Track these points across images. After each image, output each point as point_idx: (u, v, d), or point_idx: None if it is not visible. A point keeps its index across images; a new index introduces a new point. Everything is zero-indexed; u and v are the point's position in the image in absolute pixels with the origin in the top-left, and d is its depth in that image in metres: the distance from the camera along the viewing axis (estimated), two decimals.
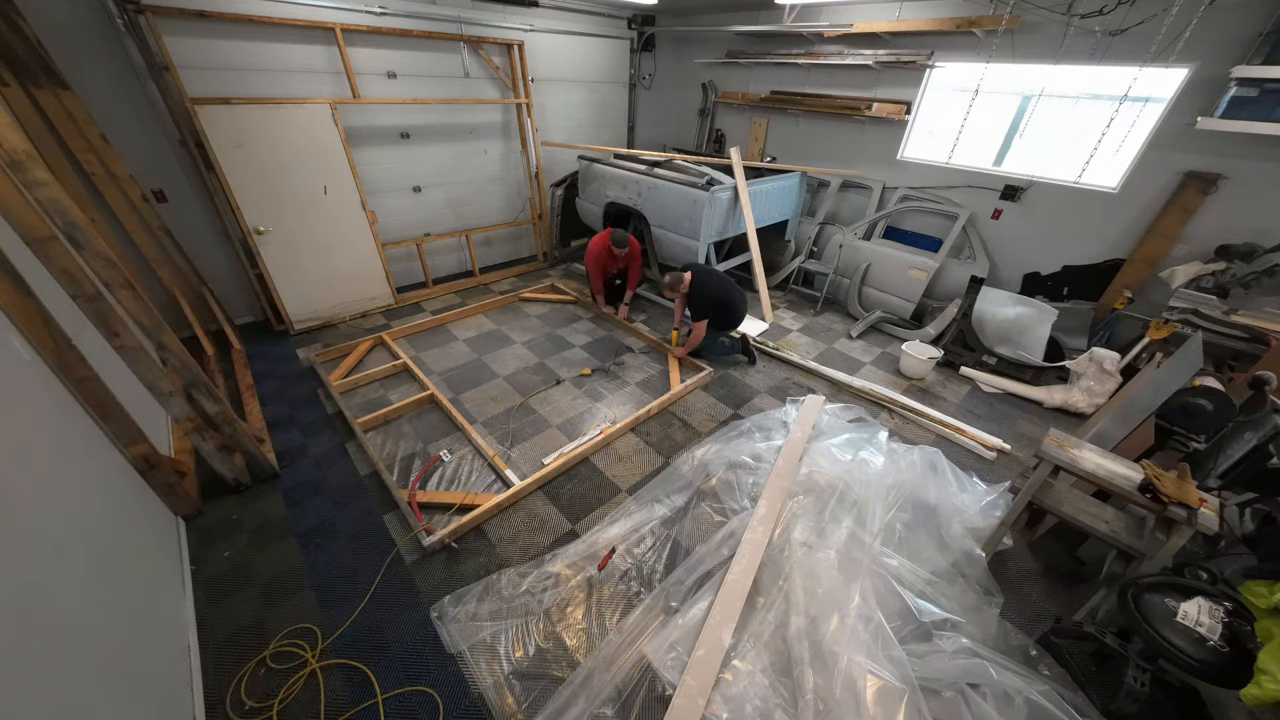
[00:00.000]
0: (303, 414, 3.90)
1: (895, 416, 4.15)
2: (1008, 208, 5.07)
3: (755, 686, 2.19)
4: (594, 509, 3.17)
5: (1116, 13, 3.86)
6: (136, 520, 2.49)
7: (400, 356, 4.50)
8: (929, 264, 5.23)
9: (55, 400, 2.25)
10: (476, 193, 6.36)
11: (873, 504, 3.01)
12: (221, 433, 3.00)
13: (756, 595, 2.57)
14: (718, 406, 4.19)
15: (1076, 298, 4.92)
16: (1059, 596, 2.78)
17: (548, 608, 2.55)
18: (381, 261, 5.37)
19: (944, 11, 4.84)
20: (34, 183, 2.09)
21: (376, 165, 5.36)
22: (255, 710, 2.14)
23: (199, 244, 4.61)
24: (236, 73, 4.29)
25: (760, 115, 6.71)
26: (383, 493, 3.21)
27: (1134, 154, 4.28)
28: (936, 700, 2.15)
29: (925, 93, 5.31)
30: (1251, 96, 3.53)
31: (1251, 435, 2.72)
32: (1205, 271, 3.97)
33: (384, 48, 4.99)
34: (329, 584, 2.67)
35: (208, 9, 3.97)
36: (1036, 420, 4.21)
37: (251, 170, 4.31)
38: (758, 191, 5.55)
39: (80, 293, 2.31)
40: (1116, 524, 2.55)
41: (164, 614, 2.30)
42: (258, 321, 5.21)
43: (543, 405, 4.12)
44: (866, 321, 5.52)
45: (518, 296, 5.95)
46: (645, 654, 2.30)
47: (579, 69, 6.81)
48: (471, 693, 2.23)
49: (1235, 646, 1.81)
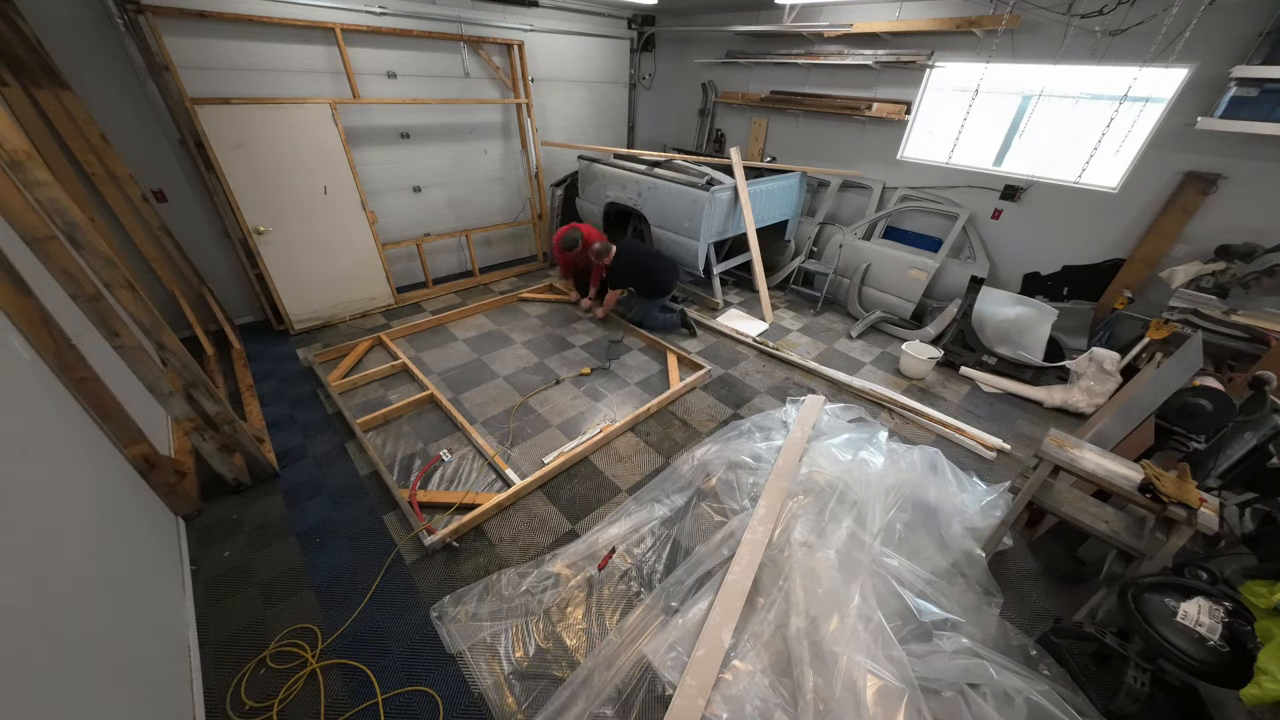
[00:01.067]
0: (303, 414, 3.90)
1: (895, 416, 4.15)
2: (1008, 208, 5.07)
3: (755, 686, 2.19)
4: (594, 509, 3.17)
5: (1116, 13, 3.86)
6: (136, 520, 2.49)
7: (399, 357, 4.50)
8: (929, 264, 5.23)
9: (55, 400, 2.25)
10: (476, 193, 6.36)
11: (873, 504, 3.01)
12: (221, 433, 3.00)
13: (756, 595, 2.57)
14: (718, 406, 4.19)
15: (1076, 298, 4.92)
16: (1059, 596, 2.78)
17: (548, 608, 2.55)
18: (381, 261, 5.37)
19: (944, 11, 4.84)
20: (34, 183, 2.09)
21: (376, 165, 5.36)
22: (255, 710, 2.14)
23: (199, 244, 4.61)
24: (236, 73, 4.29)
25: (760, 115, 6.71)
26: (383, 493, 3.21)
27: (1134, 154, 4.28)
28: (936, 700, 2.15)
29: (925, 93, 5.31)
30: (1251, 96, 3.53)
31: (1251, 435, 2.72)
32: (1205, 271, 3.97)
33: (384, 48, 4.99)
34: (329, 584, 2.67)
35: (208, 9, 3.97)
36: (1036, 420, 4.22)
37: (251, 170, 4.31)
38: (758, 191, 5.55)
39: (80, 293, 2.31)
40: (1116, 524, 2.55)
41: (164, 614, 2.30)
42: (258, 321, 5.21)
43: (543, 405, 4.13)
44: (866, 321, 5.52)
45: (517, 297, 5.95)
46: (645, 654, 2.30)
47: (579, 69, 6.81)
48: (471, 693, 2.23)
49: (1235, 646, 1.81)
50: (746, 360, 4.90)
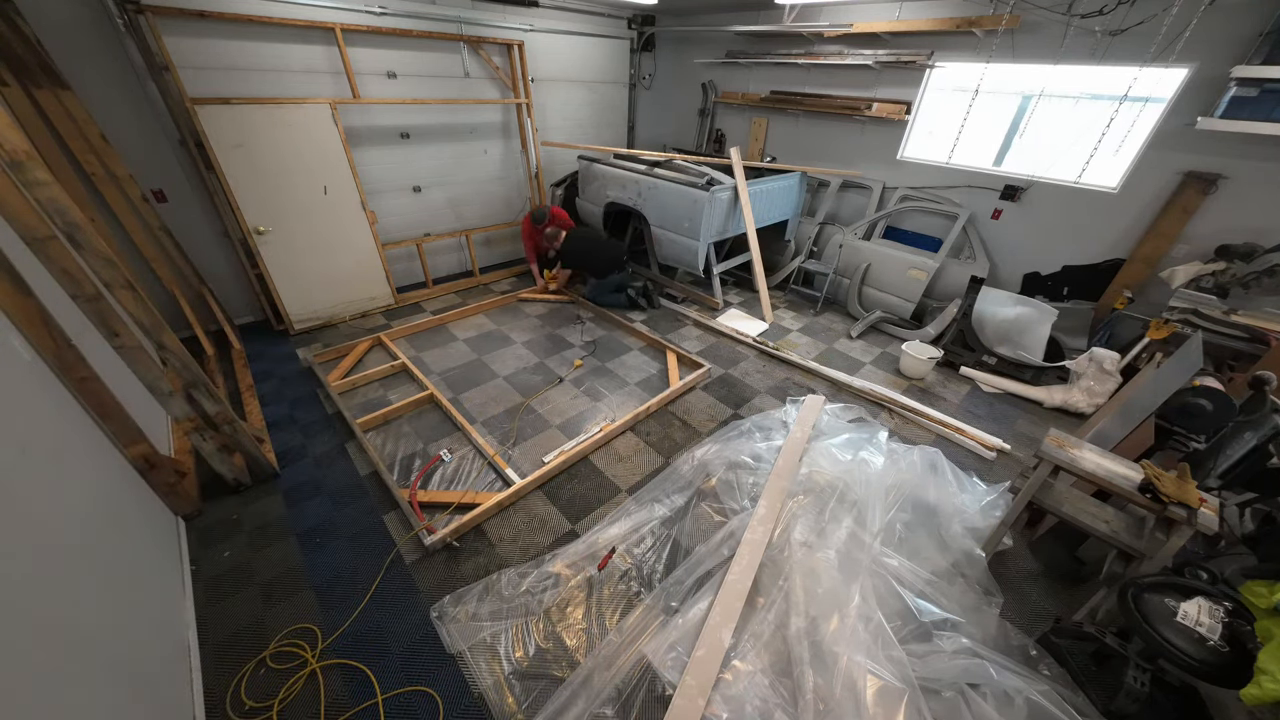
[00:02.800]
0: (303, 414, 3.90)
1: (895, 416, 4.15)
2: (1008, 208, 5.07)
3: (755, 686, 2.19)
4: (594, 509, 3.17)
5: (1116, 13, 3.86)
6: (136, 520, 2.49)
7: (399, 357, 4.50)
8: (929, 264, 5.22)
9: (55, 400, 2.25)
10: (476, 193, 6.36)
11: (872, 504, 3.01)
12: (221, 433, 3.00)
13: (756, 595, 2.57)
14: (718, 406, 4.19)
15: (1076, 298, 4.92)
16: (1059, 596, 2.78)
17: (548, 608, 2.55)
18: (381, 261, 5.37)
19: (944, 11, 4.84)
20: (34, 183, 2.09)
21: (376, 165, 5.36)
22: (255, 710, 2.14)
23: (199, 244, 4.61)
24: (236, 73, 4.28)
25: (760, 115, 6.71)
26: (383, 492, 3.21)
27: (1134, 154, 4.28)
28: (936, 700, 2.15)
29: (925, 93, 5.30)
30: (1251, 96, 3.53)
31: (1251, 435, 2.72)
32: (1205, 271, 3.97)
33: (384, 48, 4.99)
34: (329, 584, 2.67)
35: (208, 9, 3.97)
36: (1036, 420, 4.21)
37: (251, 170, 4.31)
38: (758, 191, 5.55)
39: (80, 293, 2.31)
40: (1116, 524, 2.55)
41: (164, 614, 2.30)
42: (258, 321, 5.21)
43: (543, 405, 4.13)
44: (866, 321, 5.51)
45: (517, 297, 5.95)
46: (645, 654, 2.30)
47: (579, 69, 6.81)
48: (472, 693, 2.23)
49: (1235, 646, 1.81)
50: (746, 360, 4.90)
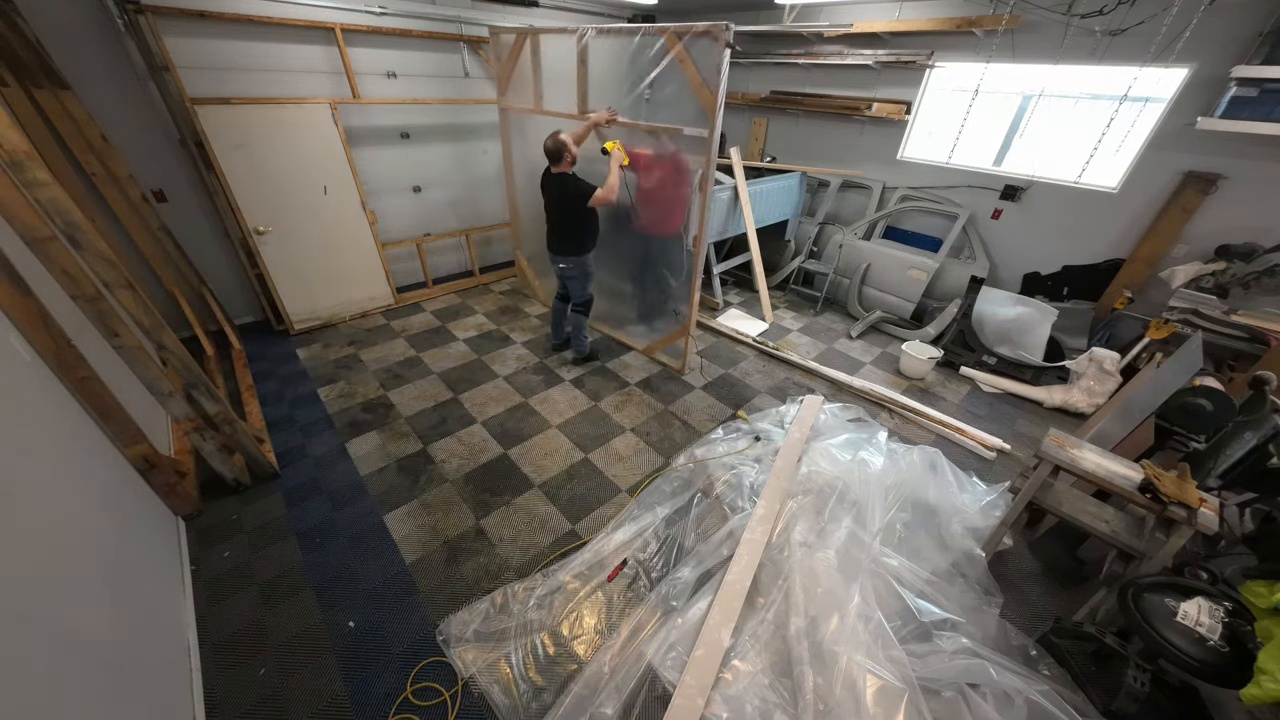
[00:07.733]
0: (303, 414, 3.90)
1: (895, 416, 4.15)
2: (1008, 207, 5.07)
3: (755, 686, 2.19)
4: (594, 509, 3.17)
5: (1116, 13, 3.86)
6: (136, 520, 2.49)
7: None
8: (929, 264, 5.22)
9: (55, 400, 2.25)
10: (477, 193, 6.35)
11: (872, 504, 3.01)
12: (221, 433, 3.00)
13: (756, 595, 2.57)
14: (718, 406, 4.19)
15: (1076, 298, 4.92)
16: (1059, 596, 2.78)
17: (556, 619, 2.51)
18: (381, 261, 5.37)
19: (944, 11, 4.84)
20: (34, 183, 2.09)
21: (376, 165, 5.36)
22: (255, 710, 2.14)
23: (199, 244, 4.61)
24: (236, 73, 4.28)
25: (760, 115, 6.71)
26: (384, 492, 3.21)
27: (1134, 154, 4.28)
28: (936, 700, 2.15)
29: (925, 93, 5.31)
30: (1251, 96, 3.53)
31: (1251, 435, 2.72)
32: (1205, 271, 3.97)
33: (384, 48, 4.99)
34: (329, 584, 2.67)
35: (208, 9, 3.97)
36: (1036, 420, 4.21)
37: (251, 170, 4.30)
38: (757, 191, 5.54)
39: (80, 293, 2.30)
40: (1116, 524, 2.55)
41: (164, 614, 2.30)
42: (258, 321, 5.21)
43: (543, 405, 4.13)
44: (866, 321, 5.51)
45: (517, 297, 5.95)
46: (645, 654, 2.30)
47: None
48: (472, 693, 2.23)
49: (1235, 646, 1.81)
50: (746, 360, 4.90)
